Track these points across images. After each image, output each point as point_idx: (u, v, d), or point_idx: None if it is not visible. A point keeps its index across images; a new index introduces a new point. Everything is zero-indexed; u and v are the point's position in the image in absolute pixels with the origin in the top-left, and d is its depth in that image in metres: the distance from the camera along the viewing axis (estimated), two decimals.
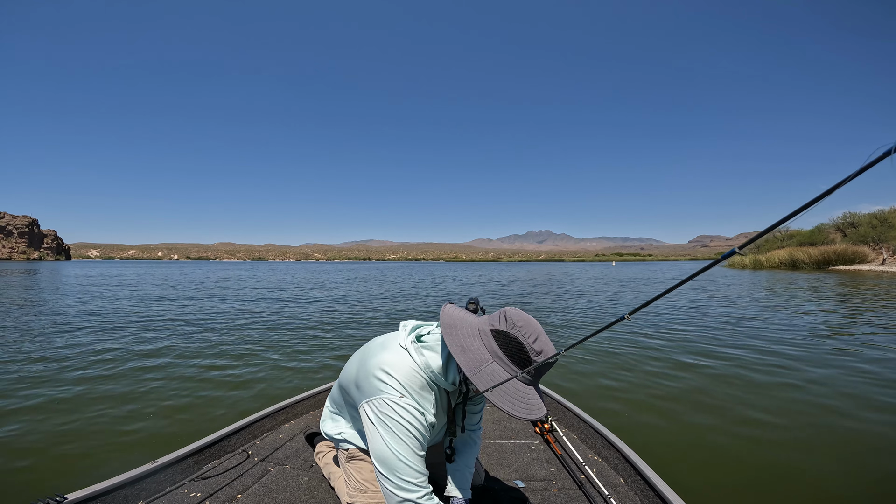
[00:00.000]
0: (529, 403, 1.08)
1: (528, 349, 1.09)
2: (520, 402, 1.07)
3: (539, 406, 1.10)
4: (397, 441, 1.11)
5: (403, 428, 1.12)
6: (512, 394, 1.07)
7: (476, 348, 1.12)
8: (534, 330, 1.12)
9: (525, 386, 1.11)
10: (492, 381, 1.06)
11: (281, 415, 2.27)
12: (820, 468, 2.50)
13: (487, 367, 1.09)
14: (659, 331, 7.13)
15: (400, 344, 1.25)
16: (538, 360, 1.09)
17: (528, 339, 1.10)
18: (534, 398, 1.10)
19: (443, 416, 1.31)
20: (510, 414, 1.05)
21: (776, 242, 55.84)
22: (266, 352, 5.67)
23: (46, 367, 4.73)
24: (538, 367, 1.09)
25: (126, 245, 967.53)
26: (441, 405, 1.28)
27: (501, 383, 1.05)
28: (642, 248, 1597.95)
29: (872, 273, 26.40)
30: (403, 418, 1.12)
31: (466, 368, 1.07)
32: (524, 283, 22.79)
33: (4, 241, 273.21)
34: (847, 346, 5.77)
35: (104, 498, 1.41)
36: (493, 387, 1.05)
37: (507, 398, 1.06)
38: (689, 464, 2.58)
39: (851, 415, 3.32)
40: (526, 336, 1.10)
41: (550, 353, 1.10)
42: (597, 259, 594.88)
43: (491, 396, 1.05)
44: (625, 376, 4.45)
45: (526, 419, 1.06)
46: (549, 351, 1.11)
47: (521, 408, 1.06)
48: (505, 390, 1.07)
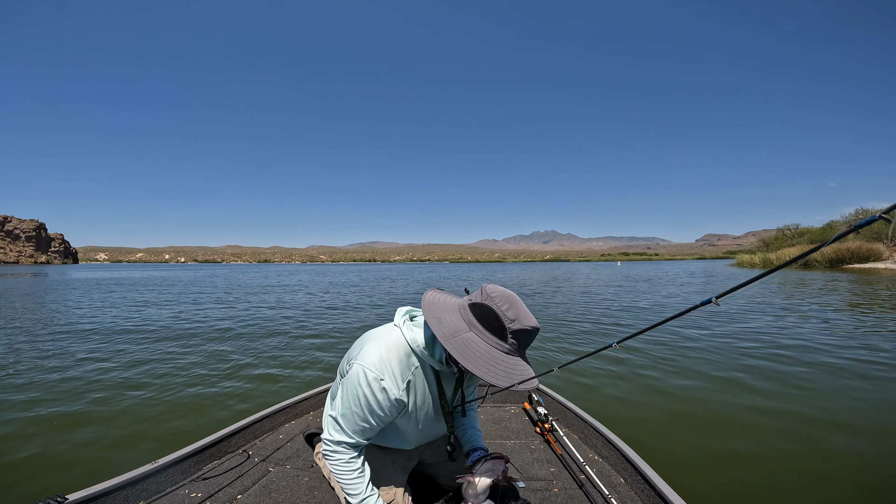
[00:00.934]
0: (510, 371, 1.08)
1: (502, 317, 1.11)
2: (498, 369, 1.07)
3: (523, 374, 1.09)
4: (354, 403, 1.20)
5: (368, 401, 1.18)
6: (489, 361, 1.08)
7: (452, 320, 1.16)
8: (509, 299, 1.14)
9: (506, 355, 1.11)
10: (466, 347, 1.08)
11: (281, 415, 2.28)
12: (821, 469, 2.46)
13: (462, 335, 1.12)
14: (663, 331, 7.06)
15: (394, 323, 1.31)
16: (513, 326, 1.10)
17: (501, 308, 1.12)
18: (516, 367, 1.10)
19: (427, 397, 1.31)
20: (488, 380, 1.05)
21: (786, 240, 55.06)
22: (263, 357, 5.71)
23: (46, 367, 4.80)
24: (517, 335, 1.11)
25: (134, 248, 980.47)
26: (428, 384, 1.29)
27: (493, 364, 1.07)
28: (649, 248, 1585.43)
29: (888, 271, 25.89)
30: (370, 389, 1.17)
31: (441, 336, 1.10)
32: (526, 284, 22.72)
33: (12, 245, 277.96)
34: (858, 348, 5.67)
35: (105, 498, 1.42)
36: (480, 363, 1.07)
37: (484, 364, 1.07)
38: (690, 464, 2.56)
39: (853, 417, 3.26)
40: (500, 305, 1.12)
41: (527, 322, 1.11)
42: (602, 259, 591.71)
43: (466, 363, 1.06)
44: (627, 377, 4.42)
45: (504, 387, 1.05)
46: (524, 318, 1.12)
47: (499, 375, 1.06)
48: (481, 357, 1.08)
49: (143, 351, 5.78)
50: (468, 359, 1.07)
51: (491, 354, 1.09)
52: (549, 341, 6.55)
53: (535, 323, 1.14)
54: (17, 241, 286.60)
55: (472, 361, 1.06)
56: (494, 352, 1.10)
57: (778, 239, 58.66)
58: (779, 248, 47.35)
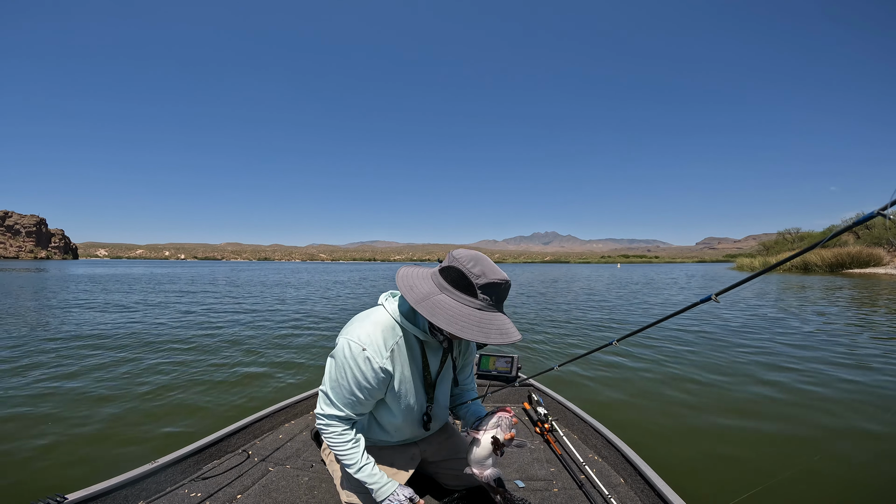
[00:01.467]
0: (483, 326, 1.10)
1: (468, 274, 1.14)
2: (471, 324, 1.10)
3: (499, 328, 1.11)
4: (340, 376, 1.23)
5: (353, 372, 1.21)
6: (461, 317, 1.11)
7: (424, 285, 1.21)
8: (473, 258, 1.17)
9: (478, 311, 1.13)
10: (437, 307, 1.12)
11: (281, 415, 2.28)
12: (822, 471, 2.46)
13: (433, 297, 1.16)
14: (661, 330, 7.06)
15: (379, 302, 1.35)
16: (480, 281, 1.13)
17: (467, 266, 1.15)
18: (492, 321, 1.12)
19: (411, 368, 1.32)
20: (462, 335, 1.08)
21: (787, 244, 55.07)
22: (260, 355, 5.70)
23: (45, 367, 4.80)
24: (486, 289, 1.13)
25: (134, 244, 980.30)
26: (413, 355, 1.31)
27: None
28: (649, 250, 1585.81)
29: (888, 276, 25.83)
30: (354, 360, 1.21)
31: (413, 301, 1.14)
32: (527, 285, 22.71)
33: (12, 240, 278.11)
34: (862, 352, 5.67)
35: (104, 498, 1.42)
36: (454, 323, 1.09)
37: (455, 321, 1.10)
38: (690, 464, 2.56)
39: (856, 419, 3.26)
40: (465, 263, 1.16)
41: (494, 275, 1.14)
42: (602, 261, 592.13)
43: (438, 321, 1.09)
44: (626, 377, 4.42)
45: (481, 341, 1.08)
46: (490, 272, 1.14)
47: (473, 330, 1.09)
48: (452, 315, 1.11)
49: (143, 351, 5.78)
50: (439, 317, 1.10)
51: (462, 311, 1.12)
52: (550, 341, 6.55)
53: (503, 276, 1.16)
54: (17, 237, 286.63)
55: (444, 319, 1.10)
56: (465, 308, 1.13)
57: (778, 243, 58.66)
58: (779, 252, 47.33)
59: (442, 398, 1.49)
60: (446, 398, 1.52)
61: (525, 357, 5.56)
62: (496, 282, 1.14)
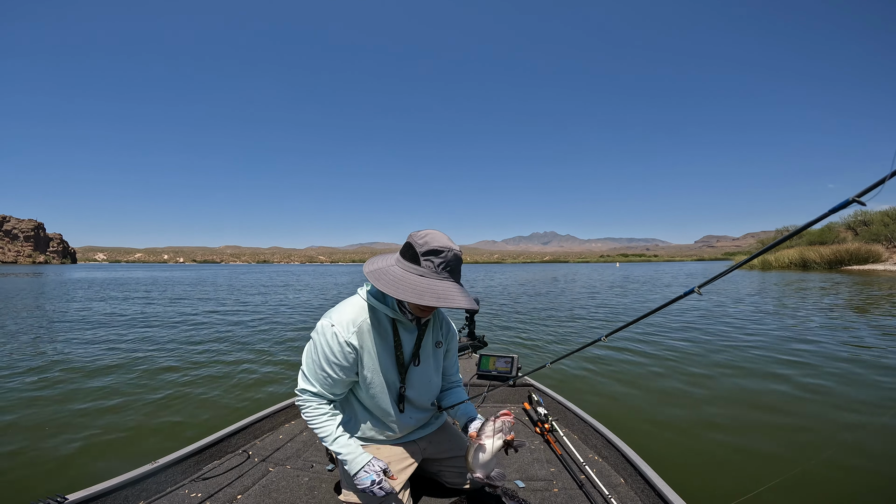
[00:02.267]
0: (420, 290, 1.17)
1: (413, 244, 1.23)
2: (406, 287, 1.17)
3: (437, 294, 1.16)
4: (312, 351, 1.32)
5: (322, 348, 1.29)
6: (400, 281, 1.19)
7: (382, 262, 1.31)
8: (426, 233, 1.25)
9: (420, 277, 1.20)
10: (383, 274, 1.23)
11: (281, 415, 2.28)
12: (823, 472, 2.46)
13: (385, 268, 1.26)
14: (662, 332, 7.08)
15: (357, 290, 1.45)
16: (422, 248, 1.20)
17: (415, 238, 1.24)
18: (430, 287, 1.18)
19: (382, 346, 1.36)
20: (398, 296, 1.15)
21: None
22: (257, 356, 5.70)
23: (45, 367, 4.79)
24: (428, 255, 1.20)
25: (133, 248, 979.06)
26: (382, 333, 1.36)
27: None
28: (648, 249, 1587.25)
29: (888, 273, 25.86)
30: (323, 336, 1.29)
31: (366, 272, 1.25)
32: (527, 285, 22.71)
33: (10, 245, 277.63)
34: (863, 349, 5.68)
35: (105, 498, 1.42)
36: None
37: (394, 284, 1.18)
38: (690, 464, 2.56)
39: (858, 421, 3.26)
40: (415, 237, 1.25)
41: (435, 242, 1.21)
42: (601, 260, 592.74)
43: (379, 285, 1.19)
44: (626, 377, 4.42)
45: (416, 302, 1.15)
46: (432, 240, 1.22)
47: (407, 292, 1.16)
48: (393, 280, 1.20)
49: (142, 351, 5.77)
50: (382, 282, 1.20)
51: (404, 277, 1.20)
52: (550, 342, 6.56)
53: (447, 244, 1.22)
54: (15, 241, 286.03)
55: (385, 284, 1.19)
56: (409, 275, 1.20)
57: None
58: (778, 250, 47.32)
59: (419, 381, 1.45)
60: (426, 382, 1.48)
61: (526, 357, 5.57)
62: (436, 248, 1.20)
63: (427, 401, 1.53)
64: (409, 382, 1.43)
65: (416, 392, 1.46)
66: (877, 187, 0.63)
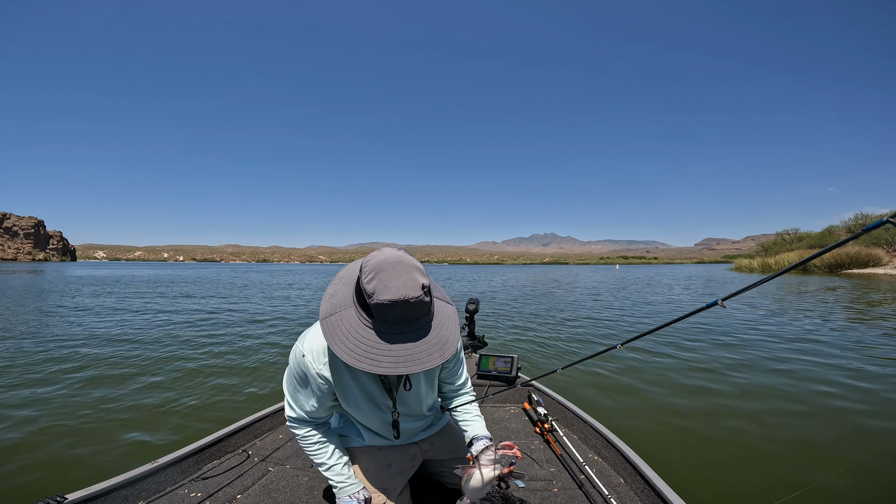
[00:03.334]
0: (376, 355, 0.95)
1: (363, 290, 0.97)
2: (363, 353, 0.96)
3: (397, 358, 0.95)
4: (287, 378, 1.28)
5: (296, 376, 1.23)
6: (356, 341, 0.98)
7: (343, 293, 1.07)
8: (375, 268, 0.97)
9: (378, 334, 0.98)
10: (336, 328, 1.00)
11: (281, 415, 2.28)
12: (823, 473, 2.46)
13: (340, 312, 1.03)
14: (662, 333, 7.07)
15: None
16: (371, 301, 0.95)
17: (364, 280, 0.97)
18: (389, 349, 0.96)
19: (357, 371, 1.21)
20: (351, 363, 0.96)
21: (785, 245, 55.13)
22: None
23: (46, 368, 4.79)
24: (378, 310, 0.96)
25: (133, 246, 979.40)
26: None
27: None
28: (648, 251, 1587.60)
29: (888, 276, 25.84)
30: (294, 366, 1.22)
31: (321, 316, 1.03)
32: (526, 286, 22.72)
33: (10, 242, 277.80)
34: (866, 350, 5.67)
35: (104, 498, 1.42)
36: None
37: (347, 346, 0.97)
38: (690, 464, 2.56)
39: (862, 421, 3.26)
40: (365, 276, 0.98)
41: (385, 294, 0.93)
42: (601, 262, 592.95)
43: (332, 345, 0.98)
44: (627, 377, 4.42)
45: (373, 371, 0.95)
46: (383, 291, 0.94)
47: (362, 360, 0.95)
48: (344, 339, 0.98)
49: (144, 351, 5.77)
50: (333, 341, 0.98)
51: (357, 332, 0.98)
52: (550, 341, 6.55)
53: (399, 291, 0.93)
54: (15, 238, 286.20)
55: (337, 343, 0.98)
56: (363, 328, 0.99)
57: (777, 244, 58.74)
58: (777, 253, 47.37)
59: (414, 402, 1.35)
60: (421, 401, 1.38)
61: (526, 357, 5.56)
62: (384, 303, 0.93)
63: (422, 420, 1.47)
64: (401, 406, 1.34)
65: (411, 410, 1.39)
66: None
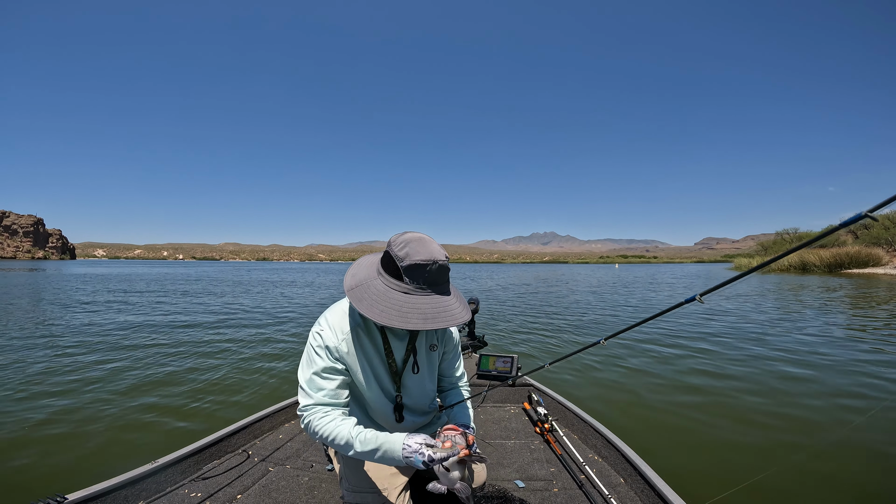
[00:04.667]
0: (406, 312, 1.06)
1: (394, 257, 1.10)
2: (391, 309, 1.06)
3: (425, 315, 1.06)
4: (305, 359, 1.25)
5: (314, 356, 1.23)
6: (382, 302, 1.08)
7: (364, 273, 1.19)
8: (406, 240, 1.11)
9: (403, 294, 1.09)
10: (364, 293, 1.11)
11: (281, 415, 2.28)
12: (823, 473, 2.46)
13: (367, 283, 1.14)
14: (662, 331, 7.08)
15: None
16: (403, 264, 1.07)
17: (395, 249, 1.11)
18: (416, 306, 1.07)
19: (372, 353, 1.29)
20: (381, 322, 1.05)
21: (785, 244, 55.18)
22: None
23: (45, 369, 4.78)
24: (409, 272, 1.08)
25: (132, 245, 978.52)
26: (372, 340, 1.30)
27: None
28: (648, 251, 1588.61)
29: (888, 276, 25.84)
30: (313, 343, 1.24)
31: (346, 289, 1.14)
32: (525, 284, 22.73)
33: (9, 240, 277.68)
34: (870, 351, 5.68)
35: (104, 498, 1.42)
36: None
37: (376, 307, 1.07)
38: (690, 464, 2.57)
39: (864, 422, 3.26)
40: (394, 246, 1.12)
41: (417, 256, 1.07)
42: (601, 261, 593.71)
43: (361, 309, 1.07)
44: (627, 377, 4.43)
45: (401, 327, 1.04)
46: (413, 254, 1.07)
47: (392, 315, 1.05)
48: (374, 300, 1.08)
49: (142, 351, 5.77)
50: (363, 304, 1.08)
51: (387, 296, 1.08)
52: (547, 341, 6.56)
53: (431, 256, 1.07)
54: (14, 237, 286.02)
55: (367, 306, 1.07)
56: (392, 293, 1.09)
57: (776, 243, 58.80)
58: (777, 252, 47.40)
59: (416, 389, 1.38)
60: (423, 389, 1.41)
61: (526, 357, 5.57)
62: (419, 263, 1.07)
63: (425, 405, 1.49)
64: (404, 390, 1.37)
65: (413, 400, 1.40)
66: (889, 203, 0.64)
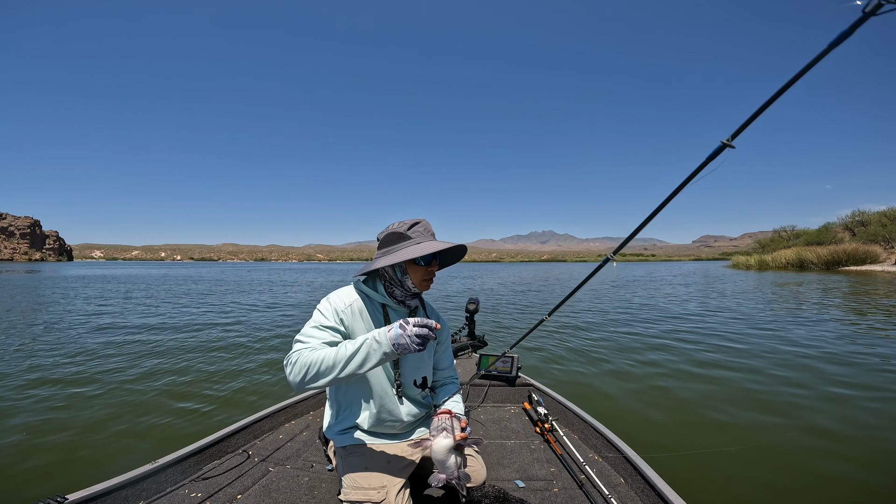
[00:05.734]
0: (438, 244, 1.35)
1: (396, 228, 1.40)
2: (429, 246, 1.35)
3: (424, 246, 1.33)
4: (311, 320, 1.38)
5: (317, 310, 1.39)
6: (404, 248, 1.36)
7: (375, 258, 1.45)
8: (412, 221, 1.42)
9: (428, 241, 1.38)
10: (387, 255, 1.37)
11: (281, 415, 2.28)
12: (824, 470, 2.48)
13: (374, 261, 1.42)
14: (662, 331, 7.10)
15: None
16: (404, 228, 1.39)
17: (395, 225, 1.42)
18: (441, 242, 1.38)
19: (371, 325, 1.42)
20: (425, 251, 1.31)
21: (782, 242, 55.30)
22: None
23: (45, 368, 4.77)
24: (412, 228, 1.38)
25: (130, 246, 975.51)
26: (374, 317, 1.43)
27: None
28: (646, 249, 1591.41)
29: (886, 273, 25.92)
30: (321, 307, 1.40)
31: (376, 263, 1.38)
32: (524, 284, 22.74)
33: (6, 242, 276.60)
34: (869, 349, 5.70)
35: (105, 498, 1.42)
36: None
37: (412, 251, 1.33)
38: (690, 464, 2.57)
39: (866, 423, 3.27)
40: (393, 224, 1.43)
41: (412, 220, 1.40)
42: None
43: (395, 259, 1.32)
44: (627, 376, 4.43)
45: (441, 249, 1.33)
46: (406, 222, 1.40)
47: (433, 246, 1.34)
48: (406, 249, 1.35)
49: (141, 351, 5.76)
50: (386, 259, 1.35)
51: (402, 246, 1.37)
52: (547, 341, 6.58)
53: (417, 219, 1.43)
54: (11, 238, 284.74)
55: (388, 260, 1.33)
56: (403, 244, 1.37)
57: (774, 240, 59.00)
58: (775, 250, 47.49)
59: (413, 366, 1.47)
60: (421, 361, 1.49)
61: (526, 357, 5.57)
62: (418, 220, 1.41)
63: (424, 375, 1.53)
64: (403, 368, 1.47)
65: (411, 369, 1.48)
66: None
